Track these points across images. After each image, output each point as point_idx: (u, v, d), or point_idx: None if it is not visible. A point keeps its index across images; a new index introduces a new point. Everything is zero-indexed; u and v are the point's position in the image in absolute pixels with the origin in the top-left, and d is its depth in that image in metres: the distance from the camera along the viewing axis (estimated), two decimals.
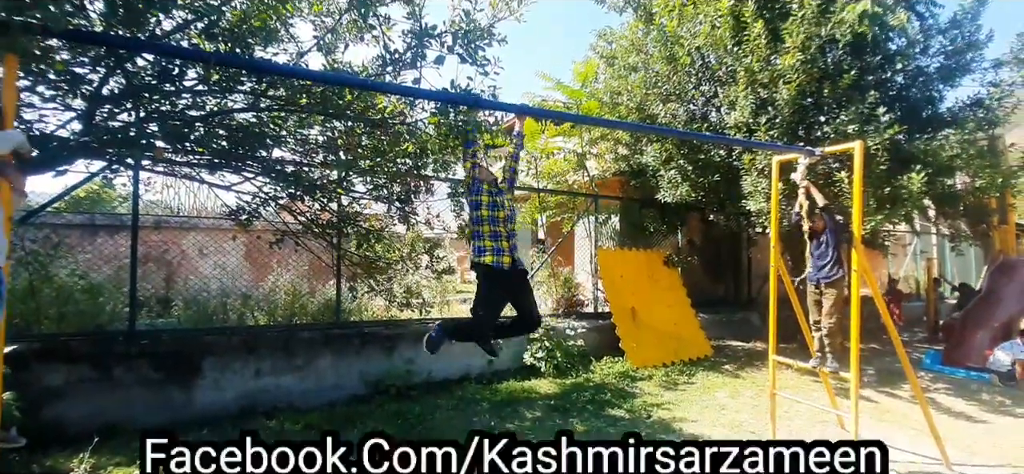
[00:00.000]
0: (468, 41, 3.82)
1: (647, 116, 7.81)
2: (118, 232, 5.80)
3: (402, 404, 5.47)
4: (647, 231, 9.14)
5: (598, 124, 8.62)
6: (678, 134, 7.69)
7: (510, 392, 6.08)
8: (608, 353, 7.53)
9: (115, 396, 4.46)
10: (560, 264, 8.74)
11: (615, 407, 5.74)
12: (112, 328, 4.98)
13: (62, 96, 3.65)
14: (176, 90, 3.93)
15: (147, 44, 3.27)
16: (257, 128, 4.17)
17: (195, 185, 5.72)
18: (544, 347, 6.84)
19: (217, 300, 5.97)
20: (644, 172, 8.41)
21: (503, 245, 3.40)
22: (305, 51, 4.34)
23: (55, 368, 4.26)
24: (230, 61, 3.54)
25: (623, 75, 8.20)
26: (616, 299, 7.79)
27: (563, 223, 9.24)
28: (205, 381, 4.84)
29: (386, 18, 3.97)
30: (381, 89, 4.03)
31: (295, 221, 5.24)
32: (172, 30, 3.58)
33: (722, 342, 9.07)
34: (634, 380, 6.80)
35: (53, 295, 4.90)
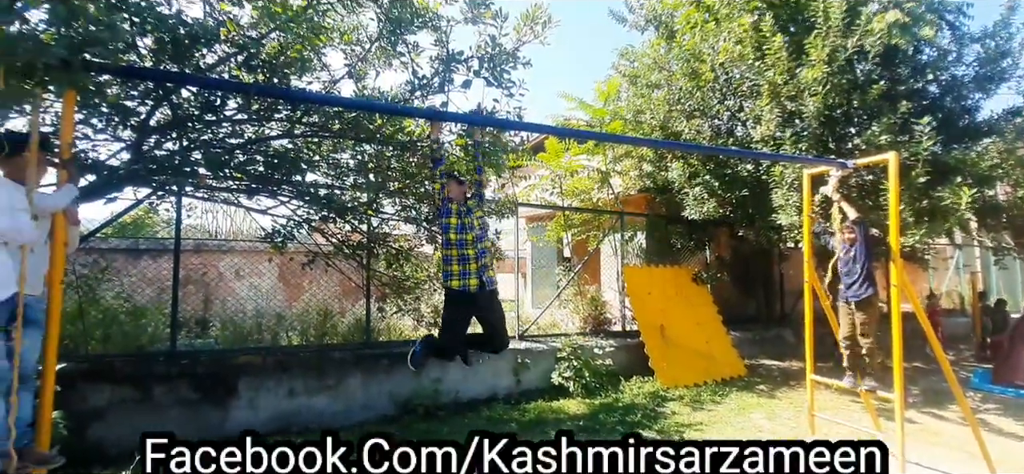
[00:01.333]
0: (494, 65, 3.91)
1: (671, 133, 7.78)
2: (160, 256, 6.04)
3: (430, 424, 5.48)
4: (674, 248, 9.04)
5: (618, 141, 8.63)
6: (704, 150, 7.63)
7: (538, 413, 6.03)
8: (637, 372, 7.41)
9: (154, 416, 4.60)
10: (586, 282, 8.69)
11: (645, 428, 5.63)
12: (153, 349, 5.16)
13: (113, 127, 3.87)
14: (217, 120, 4.11)
15: (194, 78, 3.44)
16: (292, 154, 4.32)
17: (232, 209, 5.94)
18: (572, 366, 6.77)
19: (252, 320, 6.14)
20: (669, 188, 8.36)
21: (470, 267, 3.37)
22: (337, 79, 4.50)
23: (100, 388, 4.42)
24: (270, 92, 3.69)
25: (646, 93, 8.22)
26: (644, 317, 7.68)
27: (588, 241, 9.21)
28: (240, 401, 4.96)
29: (415, 45, 4.10)
30: (409, 113, 4.14)
31: (327, 242, 5.37)
32: (214, 63, 3.77)
33: (755, 361, 8.82)
34: (664, 400, 6.66)
35: (99, 317, 5.12)
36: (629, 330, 8.10)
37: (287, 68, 3.85)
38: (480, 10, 3.95)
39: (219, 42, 3.54)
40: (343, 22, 4.63)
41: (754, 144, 6.92)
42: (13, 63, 2.06)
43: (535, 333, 7.47)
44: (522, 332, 7.27)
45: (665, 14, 8.12)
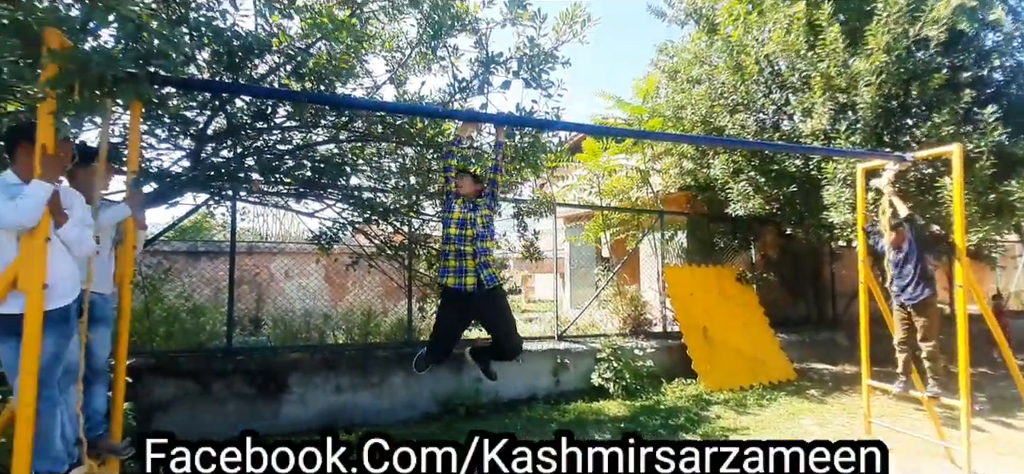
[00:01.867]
0: (532, 66, 3.92)
1: (713, 128, 7.58)
2: (216, 257, 6.38)
3: (472, 423, 5.54)
4: (717, 247, 8.79)
5: (657, 138, 8.46)
6: (749, 145, 7.40)
7: (578, 414, 6.00)
8: (679, 374, 7.26)
9: (213, 410, 4.86)
10: (626, 282, 8.57)
11: (688, 432, 5.51)
12: (212, 346, 5.46)
13: (174, 137, 4.11)
14: (268, 127, 4.31)
15: (250, 88, 3.61)
16: (338, 158, 4.47)
17: (281, 212, 6.21)
18: (612, 368, 6.70)
19: (301, 319, 6.39)
20: (711, 186, 8.14)
21: (467, 264, 3.18)
22: (380, 84, 4.63)
23: (164, 382, 4.72)
24: (319, 99, 3.82)
25: (686, 88, 8.03)
26: (686, 318, 7.51)
27: (627, 240, 9.08)
28: (291, 396, 5.17)
29: (454, 48, 4.16)
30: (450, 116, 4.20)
31: (370, 243, 5.53)
32: (265, 73, 3.95)
33: (805, 365, 8.47)
34: (708, 404, 6.49)
35: (163, 315, 5.46)
36: (670, 331, 7.94)
37: (333, 76, 3.99)
38: (519, 11, 3.97)
39: (270, 52, 3.70)
40: (384, 30, 4.76)
41: (803, 138, 6.66)
42: (87, 77, 2.22)
43: (574, 334, 7.43)
44: (561, 333, 7.25)
45: (706, 7, 7.92)
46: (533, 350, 6.60)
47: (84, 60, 2.16)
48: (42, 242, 2.21)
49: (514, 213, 6.02)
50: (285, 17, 3.61)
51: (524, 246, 6.10)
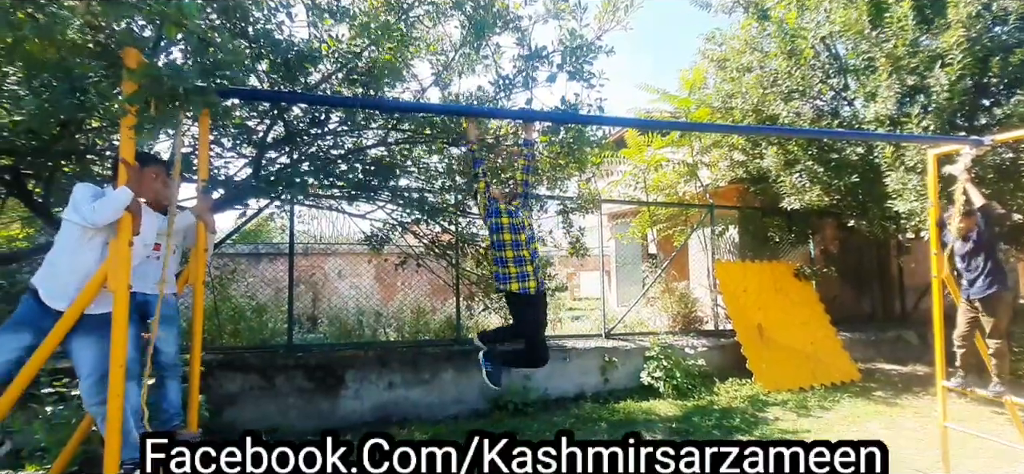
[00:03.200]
0: (575, 58, 3.89)
1: (766, 117, 7.28)
2: (275, 259, 6.72)
3: (520, 420, 5.57)
4: (772, 241, 8.43)
5: (707, 130, 8.19)
6: (807, 133, 7.04)
7: (628, 413, 5.91)
8: (733, 374, 7.01)
9: (276, 402, 5.12)
10: (674, 279, 8.36)
11: (745, 434, 5.32)
12: (274, 343, 5.75)
13: (237, 146, 4.36)
14: (321, 133, 4.50)
15: (307, 95, 3.77)
16: (387, 160, 4.61)
17: (334, 215, 6.45)
18: (662, 366, 6.55)
19: (354, 318, 6.62)
20: (764, 178, 7.82)
21: (527, 269, 3.20)
22: (426, 87, 4.73)
23: (232, 377, 5.01)
24: (371, 104, 3.94)
25: (736, 77, 7.75)
26: (739, 316, 7.25)
27: (675, 236, 8.85)
28: (347, 391, 5.37)
29: (497, 46, 4.20)
30: (495, 114, 4.25)
31: (418, 243, 5.66)
32: (318, 81, 4.12)
33: (871, 365, 7.99)
34: (765, 405, 6.24)
35: (230, 313, 5.80)
36: (723, 329, 7.69)
37: (382, 80, 4.11)
38: (560, 4, 3.96)
39: (323, 60, 3.86)
40: (428, 33, 4.87)
41: (865, 124, 6.28)
42: (161, 91, 2.38)
43: (621, 331, 7.33)
44: (608, 330, 7.16)
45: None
46: (580, 348, 6.56)
47: (158, 76, 2.32)
48: (127, 247, 2.40)
49: (559, 210, 6.01)
50: (337, 21, 3.74)
51: (570, 242, 6.08)
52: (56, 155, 3.60)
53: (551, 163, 4.52)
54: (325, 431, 2.63)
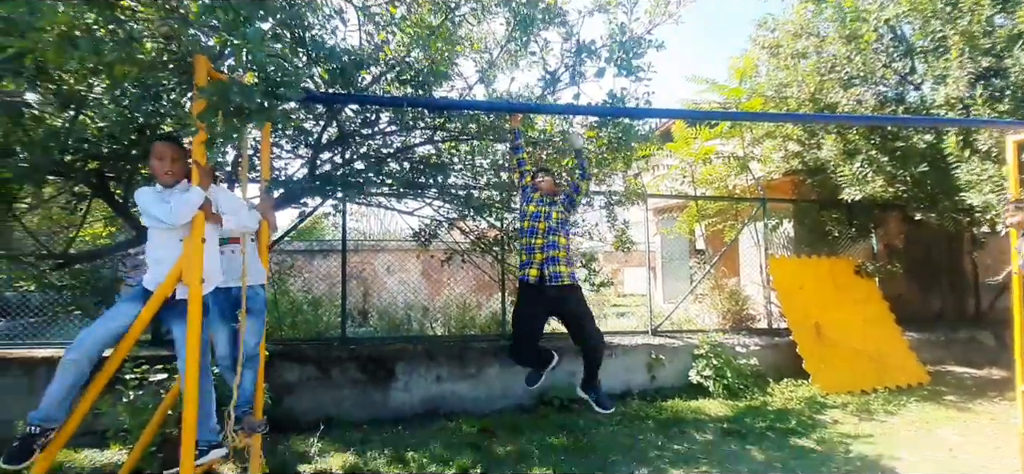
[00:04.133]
0: (624, 52, 3.83)
1: (824, 105, 6.92)
2: (329, 255, 6.98)
3: (566, 416, 5.57)
4: (830, 236, 8.02)
5: (760, 119, 7.86)
6: (870, 121, 6.66)
7: (676, 411, 5.79)
8: (788, 375, 6.74)
9: (331, 393, 5.34)
10: (724, 275, 8.11)
11: (801, 437, 5.11)
12: (328, 336, 5.99)
13: (294, 147, 4.56)
14: (372, 133, 4.64)
15: (361, 97, 3.90)
16: (435, 158, 4.70)
17: (382, 212, 6.64)
18: (712, 365, 6.38)
19: (403, 312, 6.81)
20: (822, 169, 7.45)
21: (535, 258, 3.25)
22: (472, 85, 4.79)
23: (291, 367, 5.27)
24: (420, 103, 4.04)
25: (791, 64, 7.41)
26: (795, 314, 6.96)
27: (725, 231, 8.57)
28: (397, 383, 5.54)
29: (544, 42, 4.20)
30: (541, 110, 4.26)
31: (465, 239, 5.75)
32: (369, 82, 4.25)
33: (941, 367, 7.49)
34: (823, 407, 5.97)
35: (288, 307, 6.09)
36: (777, 328, 7.40)
37: (430, 80, 4.20)
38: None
39: (376, 64, 3.97)
40: (473, 32, 4.92)
41: (934, 110, 5.88)
42: (228, 108, 2.52)
43: (668, 329, 7.18)
44: (655, 327, 7.04)
45: None
46: (626, 345, 6.48)
47: (225, 92, 2.45)
48: (199, 242, 2.57)
49: (604, 204, 5.95)
50: (388, 30, 3.85)
51: (616, 236, 6.01)
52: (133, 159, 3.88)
53: (597, 158, 4.48)
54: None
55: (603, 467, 4.46)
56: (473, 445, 4.79)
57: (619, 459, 4.61)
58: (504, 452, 4.72)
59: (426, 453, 4.59)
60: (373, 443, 4.82)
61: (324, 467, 4.38)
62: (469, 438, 4.95)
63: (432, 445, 4.76)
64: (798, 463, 4.50)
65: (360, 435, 4.98)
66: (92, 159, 3.58)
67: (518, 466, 4.45)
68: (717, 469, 4.40)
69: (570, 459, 4.58)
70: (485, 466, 4.44)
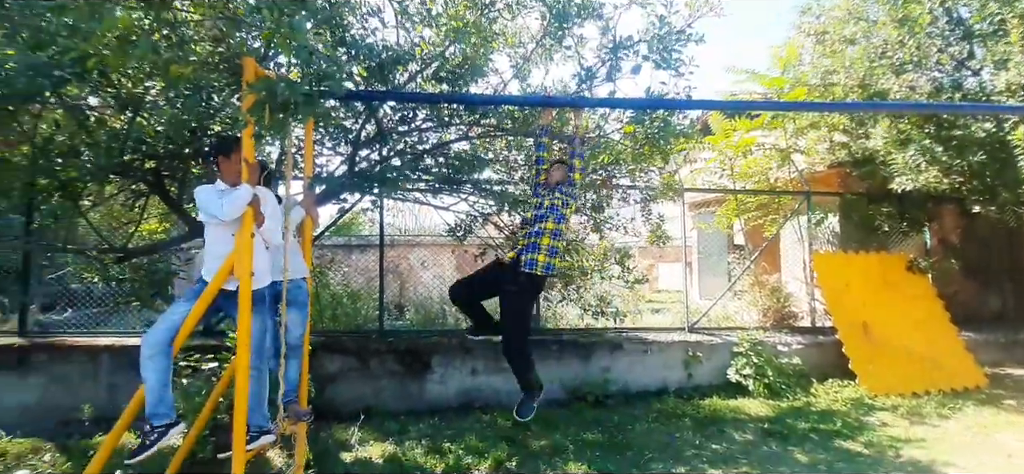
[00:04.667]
0: (663, 46, 3.76)
1: (874, 93, 6.62)
2: (365, 250, 7.16)
3: (600, 412, 5.54)
4: (880, 230, 7.67)
5: (805, 109, 7.57)
6: (924, 108, 6.32)
7: (714, 410, 5.67)
8: (833, 375, 6.50)
9: (370, 384, 5.49)
10: (765, 271, 7.87)
11: (848, 439, 4.92)
12: (366, 328, 6.15)
13: (334, 144, 4.69)
14: (408, 130, 4.71)
15: (399, 94, 3.97)
16: (470, 154, 4.74)
17: (416, 207, 6.75)
18: (752, 363, 6.21)
19: (438, 306, 6.91)
20: (871, 159, 7.12)
21: (519, 244, 3.39)
22: (507, 81, 4.80)
23: (332, 358, 5.44)
24: (456, 99, 4.09)
25: (838, 50, 7.11)
26: (841, 312, 6.69)
27: (766, 226, 8.31)
28: (434, 376, 5.63)
29: (580, 37, 4.16)
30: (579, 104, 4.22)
31: (499, 233, 5.78)
32: (406, 80, 4.32)
33: (1000, 370, 7.07)
34: (871, 409, 5.74)
35: (329, 300, 6.28)
36: (821, 326, 7.14)
37: (466, 76, 4.23)
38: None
39: (412, 61, 4.03)
40: (507, 27, 4.92)
41: (994, 96, 5.53)
42: (275, 103, 2.61)
43: (706, 325, 7.03)
44: (692, 324, 6.90)
45: None
46: (662, 341, 6.39)
47: (271, 88, 2.54)
48: (249, 237, 2.68)
49: (640, 199, 5.87)
50: (425, 25, 3.90)
51: (651, 231, 5.93)
52: (186, 157, 4.08)
53: (634, 154, 4.41)
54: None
55: (639, 465, 4.42)
56: (508, 438, 4.83)
57: (655, 457, 4.56)
58: (539, 446, 4.74)
59: (462, 445, 4.65)
60: (410, 434, 4.93)
61: (364, 456, 4.50)
62: (503, 431, 4.99)
63: (468, 437, 4.82)
64: (844, 466, 4.34)
65: (398, 425, 5.09)
66: (149, 158, 3.78)
67: (553, 460, 4.46)
68: (758, 470, 4.29)
69: (605, 455, 4.56)
70: (520, 459, 4.47)
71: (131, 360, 4.93)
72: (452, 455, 4.49)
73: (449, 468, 4.28)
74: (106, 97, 3.69)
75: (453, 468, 4.28)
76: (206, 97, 3.47)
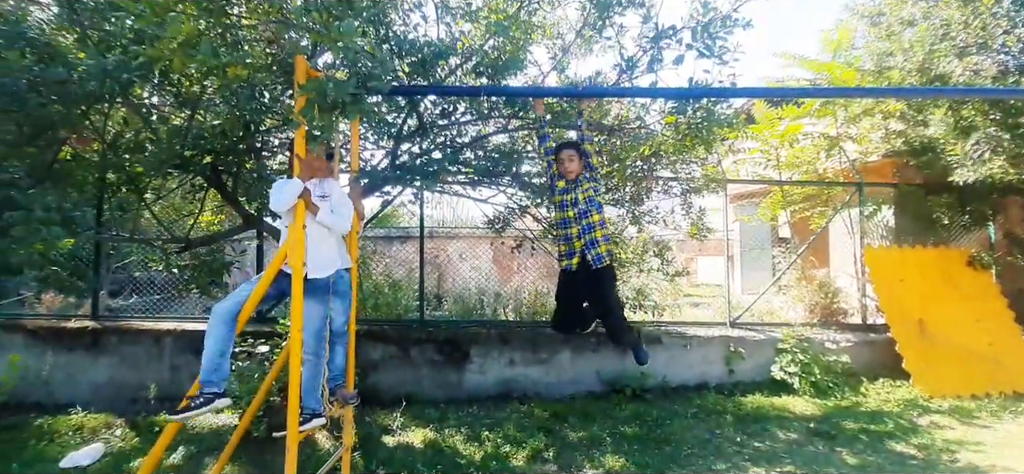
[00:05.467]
0: (707, 34, 3.67)
1: (934, 78, 6.25)
2: (405, 242, 7.33)
3: (638, 406, 5.51)
4: (939, 223, 7.26)
5: (858, 95, 7.21)
6: (990, 93, 5.92)
7: (756, 407, 5.55)
8: (885, 374, 6.23)
9: (411, 372, 5.64)
10: (812, 265, 7.59)
11: (899, 441, 4.73)
12: (407, 318, 6.31)
13: (377, 138, 4.81)
14: (449, 123, 4.78)
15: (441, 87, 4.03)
16: (509, 147, 4.77)
17: (454, 199, 6.88)
18: (797, 360, 6.03)
19: (475, 297, 7.02)
20: (930, 149, 6.73)
21: (574, 246, 3.30)
22: (546, 73, 4.80)
23: (375, 346, 5.62)
24: (496, 91, 4.12)
25: (895, 32, 6.74)
26: (895, 309, 6.39)
27: (813, 219, 8.00)
28: (472, 365, 5.74)
29: (621, 27, 4.11)
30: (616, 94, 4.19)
31: (537, 225, 5.80)
32: (447, 74, 4.38)
33: None
34: (925, 411, 5.48)
35: (371, 289, 6.48)
36: (872, 323, 6.84)
37: (505, 69, 4.26)
38: None
39: (453, 55, 4.09)
40: (546, 19, 4.91)
41: None
42: (325, 103, 2.70)
43: (748, 321, 6.86)
44: (733, 319, 6.75)
45: None
46: (702, 336, 6.28)
47: (322, 88, 2.64)
48: (300, 228, 2.80)
49: (681, 191, 5.76)
50: (466, 19, 3.94)
51: (692, 224, 5.82)
52: (240, 152, 4.28)
53: (676, 145, 4.33)
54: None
55: (677, 460, 4.38)
56: (545, 428, 4.88)
57: (694, 452, 4.51)
58: (576, 438, 4.77)
59: (500, 434, 4.74)
60: (450, 421, 5.05)
61: (406, 441, 4.65)
62: (541, 422, 5.04)
63: (506, 426, 4.90)
64: (895, 469, 4.18)
65: (438, 413, 5.23)
66: (206, 154, 3.99)
67: (590, 452, 4.48)
68: (802, 470, 4.19)
69: (643, 450, 4.54)
70: (557, 450, 4.51)
71: (191, 344, 5.30)
72: (490, 443, 4.58)
73: (487, 456, 4.37)
74: (166, 96, 3.92)
75: (491, 456, 4.37)
76: (258, 95, 3.63)
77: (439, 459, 4.30)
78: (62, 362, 5.37)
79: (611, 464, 4.27)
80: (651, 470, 4.19)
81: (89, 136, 3.79)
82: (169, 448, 3.63)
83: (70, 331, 5.44)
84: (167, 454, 4.11)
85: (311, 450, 4.39)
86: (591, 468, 4.25)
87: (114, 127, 3.94)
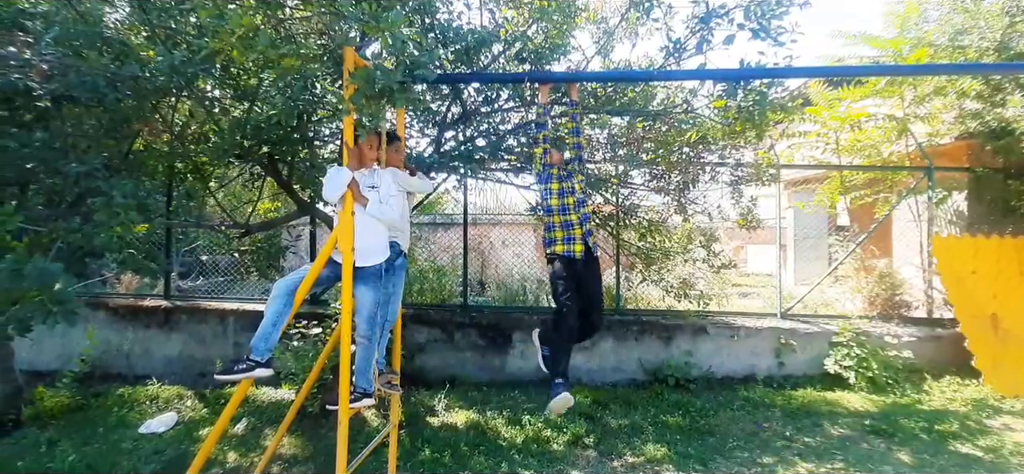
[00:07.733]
0: (761, 13, 3.51)
1: (1014, 54, 5.74)
2: (449, 228, 7.46)
3: (682, 396, 5.43)
4: (1017, 211, 6.70)
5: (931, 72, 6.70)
6: None
7: (807, 401, 5.35)
8: (952, 372, 5.86)
9: (454, 355, 5.78)
10: (872, 255, 7.18)
11: (964, 442, 4.46)
12: (451, 303, 6.46)
13: (422, 127, 4.91)
14: (492, 110, 4.82)
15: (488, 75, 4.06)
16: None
17: (497, 187, 6.89)
18: (853, 355, 5.75)
19: (517, 283, 7.08)
20: (1009, 131, 6.20)
21: (574, 233, 3.34)
22: (590, 58, 4.73)
23: (420, 329, 5.79)
24: (541, 77, 4.09)
25: (971, 6, 6.20)
26: (965, 302, 5.97)
27: (875, 206, 7.54)
28: (514, 350, 5.82)
29: (669, 8, 3.99)
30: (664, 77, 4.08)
31: None
32: (490, 61, 4.40)
33: None
34: (996, 412, 5.12)
35: (416, 274, 6.66)
36: (938, 317, 6.42)
37: (548, 54, 4.24)
38: None
39: (496, 42, 4.10)
40: (590, 2, 4.83)
41: None
42: (373, 91, 2.78)
43: (800, 312, 6.59)
44: (785, 310, 6.50)
45: None
46: (750, 327, 6.09)
47: (370, 78, 2.71)
48: (348, 216, 2.91)
49: (731, 180, 5.57)
50: (509, 6, 3.94)
51: (741, 215, 5.63)
52: (293, 142, 4.48)
53: (725, 131, 4.19)
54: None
55: (722, 451, 4.31)
56: (587, 415, 4.90)
57: (739, 445, 4.42)
58: (617, 425, 4.77)
59: (541, 418, 4.79)
60: (492, 404, 5.15)
61: (450, 421, 4.79)
62: (582, 408, 5.06)
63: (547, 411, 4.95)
64: (958, 472, 3.95)
65: (480, 395, 5.34)
66: (264, 144, 4.19)
67: (631, 441, 4.47)
68: (856, 469, 4.02)
69: (686, 439, 4.49)
70: (598, 437, 4.53)
71: (252, 323, 5.63)
72: (531, 427, 4.65)
73: (528, 439, 4.44)
74: (227, 89, 4.15)
75: (532, 440, 4.44)
76: (310, 85, 3.77)
77: (482, 440, 4.41)
78: (139, 337, 5.84)
79: (652, 453, 4.25)
80: (693, 460, 4.14)
81: (159, 128, 4.06)
82: (233, 419, 3.89)
83: (146, 309, 5.90)
84: (231, 423, 4.42)
85: (361, 426, 4.60)
86: (631, 455, 4.24)
87: (181, 119, 4.21)
